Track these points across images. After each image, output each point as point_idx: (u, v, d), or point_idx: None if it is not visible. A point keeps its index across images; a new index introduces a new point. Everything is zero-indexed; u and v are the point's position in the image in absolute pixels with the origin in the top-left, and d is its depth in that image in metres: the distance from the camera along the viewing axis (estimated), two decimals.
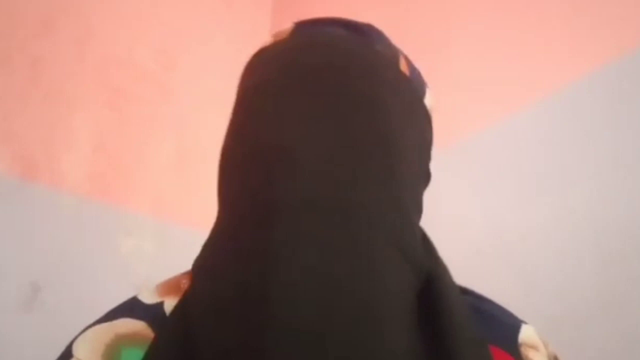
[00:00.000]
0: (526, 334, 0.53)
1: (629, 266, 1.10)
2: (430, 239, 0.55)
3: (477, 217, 1.35)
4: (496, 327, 0.52)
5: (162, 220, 1.67)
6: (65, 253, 1.47)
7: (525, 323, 0.54)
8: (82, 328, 0.54)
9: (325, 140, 0.46)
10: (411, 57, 0.62)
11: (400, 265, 0.46)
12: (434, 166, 0.60)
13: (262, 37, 0.61)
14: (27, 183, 1.47)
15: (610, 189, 1.17)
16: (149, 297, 0.55)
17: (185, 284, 0.53)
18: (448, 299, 0.48)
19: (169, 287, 0.55)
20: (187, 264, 0.55)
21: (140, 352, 0.48)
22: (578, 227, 1.18)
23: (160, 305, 0.53)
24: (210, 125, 1.34)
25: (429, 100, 0.58)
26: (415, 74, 0.58)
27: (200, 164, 1.69)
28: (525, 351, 0.51)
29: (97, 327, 0.52)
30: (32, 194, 1.46)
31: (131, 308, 0.54)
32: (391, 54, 0.55)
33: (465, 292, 0.55)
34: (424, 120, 0.57)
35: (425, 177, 0.57)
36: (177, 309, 0.50)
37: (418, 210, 0.54)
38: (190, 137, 1.77)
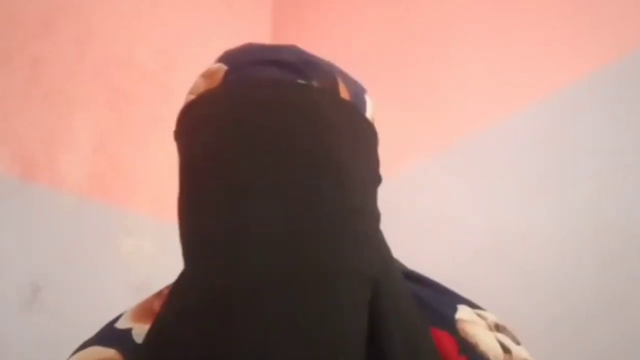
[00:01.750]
0: (462, 312, 0.55)
1: (629, 266, 1.10)
2: (382, 238, 0.55)
3: (477, 217, 1.36)
4: (435, 311, 0.54)
5: (162, 220, 1.67)
6: (65, 253, 1.47)
7: (461, 303, 0.56)
8: (82, 328, 0.55)
9: (279, 210, 0.47)
10: (411, 57, 0.62)
11: (356, 292, 0.47)
12: (434, 166, 0.60)
13: (262, 37, 0.60)
14: (27, 183, 1.47)
15: (610, 189, 1.17)
16: (122, 322, 0.56)
17: (157, 305, 0.54)
18: (390, 306, 0.49)
19: (142, 311, 0.56)
20: None
21: None
22: (578, 227, 1.19)
23: (128, 331, 0.54)
24: None
25: (370, 110, 0.58)
26: (356, 91, 0.57)
27: None
28: (461, 325, 0.53)
29: (75, 356, 0.54)
30: (32, 194, 1.46)
31: (103, 335, 0.56)
32: (329, 85, 0.54)
33: (409, 276, 0.57)
34: (368, 132, 0.57)
35: (377, 181, 0.58)
36: (149, 337, 0.50)
37: (375, 218, 0.55)
38: None
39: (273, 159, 0.49)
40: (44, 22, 1.58)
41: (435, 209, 1.42)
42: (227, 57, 0.57)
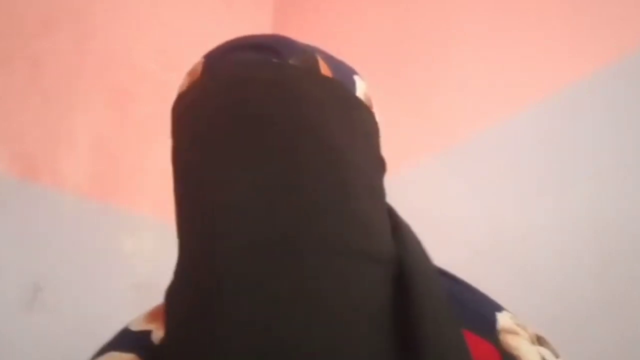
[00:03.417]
0: (503, 320, 0.53)
1: (629, 266, 1.10)
2: (400, 220, 0.55)
3: (477, 217, 1.36)
4: (472, 313, 0.52)
5: (162, 220, 1.67)
6: (66, 253, 1.47)
7: (500, 310, 0.54)
8: (82, 328, 0.55)
9: (266, 182, 0.47)
10: (411, 57, 0.62)
11: (364, 270, 0.47)
12: (434, 166, 0.60)
13: None
14: (27, 183, 1.47)
15: (610, 189, 1.17)
16: (137, 325, 0.56)
17: None
18: (418, 282, 0.48)
19: (156, 314, 0.56)
20: None
21: None
22: (578, 227, 1.19)
23: (147, 333, 0.54)
24: None
25: (360, 89, 0.56)
26: (340, 70, 0.56)
27: None
28: (504, 338, 0.51)
29: None
30: (32, 194, 1.46)
31: (120, 340, 0.55)
32: (308, 63, 0.54)
33: (443, 274, 0.56)
34: (362, 111, 0.56)
35: (380, 165, 0.57)
36: (164, 339, 0.50)
37: (380, 201, 0.54)
38: None
39: (250, 132, 0.49)
40: (44, 22, 1.58)
41: (435, 209, 1.42)
42: (206, 53, 0.58)
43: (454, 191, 1.42)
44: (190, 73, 0.58)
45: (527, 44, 1.39)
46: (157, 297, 0.58)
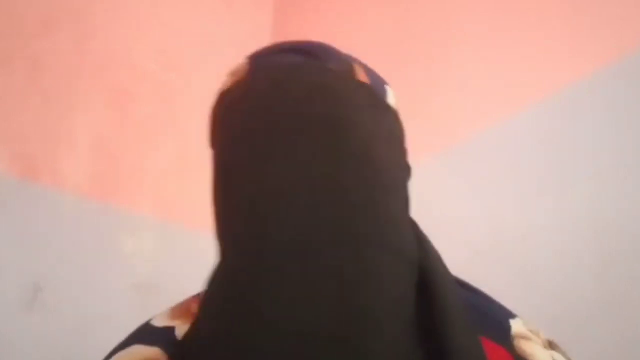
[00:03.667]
0: (517, 326, 0.55)
1: (629, 266, 1.10)
2: (420, 230, 0.57)
3: (477, 217, 1.36)
4: (488, 321, 0.53)
5: (162, 220, 1.67)
6: (66, 253, 1.47)
7: (513, 317, 0.56)
8: (82, 328, 0.55)
9: (307, 180, 0.49)
10: (411, 57, 0.63)
11: (397, 268, 0.48)
12: (434, 166, 0.61)
13: (262, 38, 0.61)
14: (27, 183, 1.47)
15: (610, 189, 1.17)
16: (160, 321, 0.57)
17: (195, 308, 0.54)
18: (441, 289, 0.50)
19: (180, 311, 0.57)
20: (187, 265, 0.55)
21: None
22: (578, 227, 1.19)
23: (171, 329, 0.55)
24: None
25: (391, 97, 0.61)
26: (374, 78, 0.60)
27: (201, 164, 1.68)
28: (518, 343, 0.53)
29: (116, 356, 0.54)
30: (32, 194, 1.46)
31: (144, 333, 0.56)
32: (346, 68, 0.57)
33: (460, 284, 0.57)
34: (391, 117, 0.59)
35: (406, 170, 0.61)
36: (188, 336, 0.51)
37: (406, 205, 0.57)
38: (191, 137, 1.76)
39: (291, 131, 0.51)
40: (44, 22, 1.58)
41: (435, 209, 1.42)
42: (249, 55, 0.61)
43: (454, 191, 1.42)
44: (233, 73, 0.60)
45: (527, 44, 1.39)
46: (157, 297, 0.59)
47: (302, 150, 0.50)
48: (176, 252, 1.64)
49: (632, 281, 1.09)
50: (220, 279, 0.50)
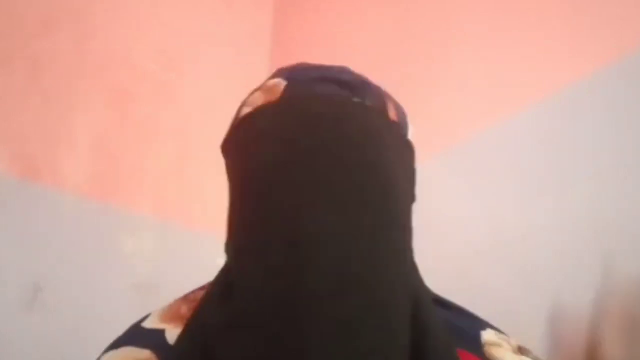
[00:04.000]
0: (487, 335, 0.57)
1: (629, 266, 1.10)
2: (414, 260, 0.58)
3: (477, 217, 1.36)
4: (462, 334, 0.56)
5: (162, 220, 1.67)
6: (66, 253, 1.47)
7: (484, 328, 0.58)
8: (82, 329, 0.55)
9: (339, 222, 0.49)
10: (411, 57, 0.63)
11: (405, 305, 0.50)
12: (434, 166, 0.62)
13: (262, 38, 0.61)
14: (27, 183, 1.47)
15: (610, 189, 1.17)
16: (151, 323, 0.57)
17: (184, 310, 0.55)
18: (430, 321, 0.52)
19: (170, 314, 0.57)
20: (187, 265, 0.55)
21: None
22: (578, 227, 1.19)
23: (161, 332, 0.55)
24: (210, 125, 1.34)
25: (411, 132, 0.62)
26: (401, 114, 0.61)
27: (201, 164, 1.69)
28: (489, 350, 0.55)
29: (106, 356, 0.54)
30: (32, 194, 1.46)
31: (135, 336, 0.56)
32: (381, 105, 0.58)
33: (435, 300, 0.58)
34: (412, 154, 0.61)
35: (413, 200, 0.61)
36: (182, 340, 0.51)
37: (411, 236, 0.57)
38: (191, 137, 1.77)
39: (330, 170, 0.51)
40: (44, 22, 1.58)
41: (435, 209, 1.42)
42: (285, 73, 0.59)
43: (454, 191, 1.42)
44: (265, 90, 0.58)
45: (527, 44, 1.39)
46: (157, 297, 0.59)
47: (341, 195, 0.50)
48: (176, 252, 1.64)
49: (632, 281, 1.09)
50: (237, 315, 0.49)
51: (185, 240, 1.66)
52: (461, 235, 1.35)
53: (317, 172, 0.51)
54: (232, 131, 0.59)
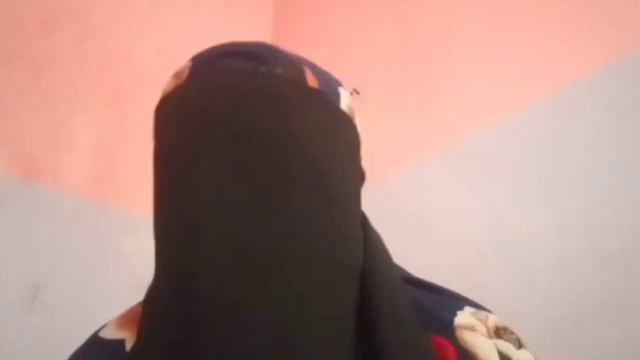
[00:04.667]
0: (462, 317, 0.54)
1: (628, 266, 1.10)
2: (370, 228, 0.56)
3: (478, 217, 1.36)
4: (433, 316, 0.53)
5: None
6: (66, 253, 1.47)
7: (462, 308, 0.56)
8: (82, 328, 0.55)
9: (251, 196, 0.47)
10: (411, 58, 0.62)
11: (345, 278, 0.49)
12: (435, 166, 0.60)
13: (262, 38, 0.60)
14: (27, 183, 1.47)
15: (610, 189, 1.17)
16: (109, 332, 0.56)
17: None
18: (378, 292, 0.50)
19: (129, 320, 0.56)
20: None
21: None
22: (578, 227, 1.19)
23: (122, 342, 0.54)
24: None
25: (344, 101, 0.56)
26: (326, 82, 0.56)
27: None
28: (460, 334, 0.52)
29: None
30: (32, 194, 1.46)
31: (94, 348, 0.55)
32: (294, 74, 0.53)
33: (408, 281, 0.57)
34: (345, 124, 0.56)
35: (360, 176, 0.58)
36: (136, 348, 0.50)
37: (358, 211, 0.56)
38: None
39: (235, 146, 0.48)
40: (44, 22, 1.58)
41: (435, 209, 1.42)
42: (194, 56, 0.58)
43: (454, 191, 1.42)
44: (176, 75, 0.57)
45: (527, 44, 1.39)
46: None
47: (242, 168, 0.48)
48: None
49: (631, 281, 1.09)
50: (154, 304, 0.49)
51: None
52: (461, 235, 1.35)
53: (218, 147, 0.48)
54: (154, 124, 0.57)
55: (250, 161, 0.48)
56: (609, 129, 1.20)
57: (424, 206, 1.45)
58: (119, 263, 1.55)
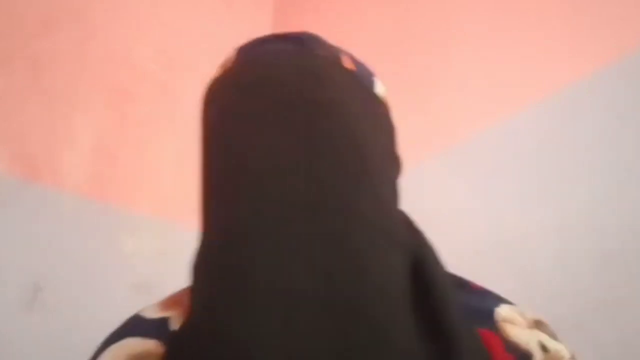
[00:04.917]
0: (503, 311, 0.56)
1: (628, 266, 1.10)
2: (414, 222, 0.57)
3: (478, 217, 1.36)
4: (476, 310, 0.55)
5: (162, 220, 1.67)
6: (66, 253, 1.47)
7: (498, 305, 0.57)
8: (82, 328, 0.54)
9: (290, 156, 0.49)
10: (411, 57, 0.63)
11: (389, 249, 0.49)
12: (435, 166, 0.61)
13: None
14: (28, 183, 1.47)
15: (610, 189, 1.17)
16: (152, 312, 0.55)
17: (187, 299, 0.53)
18: (439, 280, 0.51)
19: (173, 301, 0.56)
20: (187, 265, 0.55)
21: None
22: (578, 227, 1.19)
23: (165, 320, 0.53)
24: None
25: (379, 88, 0.61)
26: (361, 67, 0.60)
27: None
28: (503, 325, 0.54)
29: (108, 350, 0.52)
30: (32, 194, 1.46)
31: (137, 326, 0.54)
32: (333, 55, 0.58)
33: (450, 277, 0.58)
34: (381, 107, 0.59)
35: (396, 163, 0.60)
36: (183, 328, 0.49)
37: (395, 196, 0.57)
38: (190, 137, 1.76)
39: (282, 115, 0.51)
40: (44, 22, 1.58)
41: (435, 209, 1.42)
42: (238, 46, 0.61)
43: (454, 191, 1.42)
44: (222, 64, 0.60)
45: (527, 44, 1.39)
46: (157, 297, 0.58)
47: (287, 133, 0.50)
48: (176, 252, 1.64)
49: (631, 281, 1.09)
50: (205, 263, 0.49)
51: (185, 240, 1.65)
52: (461, 235, 1.35)
53: (266, 119, 0.51)
54: (201, 110, 0.61)
55: (296, 127, 0.51)
56: (609, 129, 1.20)
57: (423, 206, 1.45)
58: (119, 263, 1.55)
